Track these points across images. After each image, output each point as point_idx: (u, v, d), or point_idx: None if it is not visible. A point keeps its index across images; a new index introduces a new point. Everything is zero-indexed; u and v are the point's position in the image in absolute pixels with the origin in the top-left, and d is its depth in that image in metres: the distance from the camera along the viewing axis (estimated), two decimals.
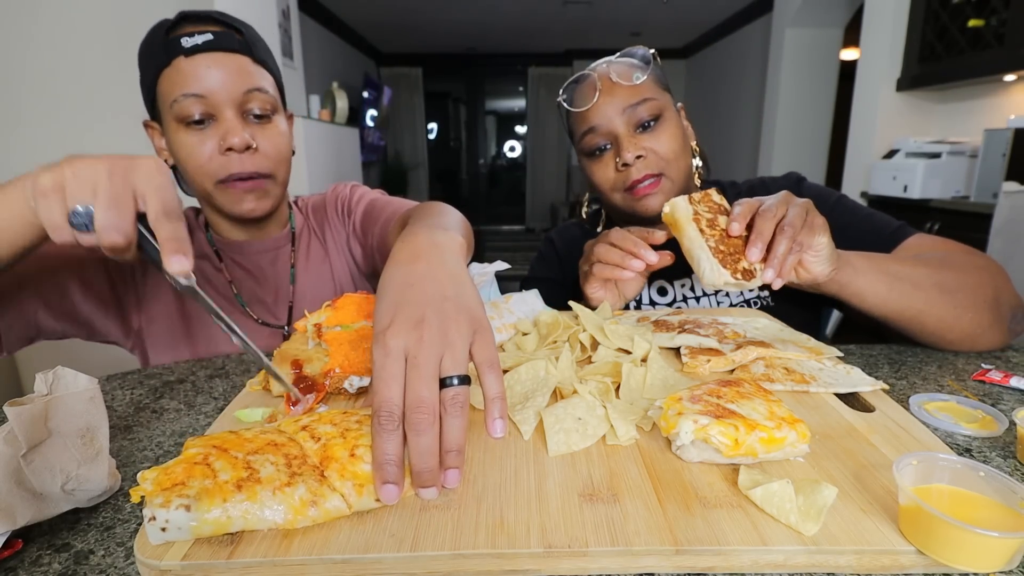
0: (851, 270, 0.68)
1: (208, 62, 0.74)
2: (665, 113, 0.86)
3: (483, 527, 0.35)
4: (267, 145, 0.80)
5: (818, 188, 0.91)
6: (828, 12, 4.17)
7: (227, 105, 0.76)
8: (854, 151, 3.31)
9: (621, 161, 0.85)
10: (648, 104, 0.84)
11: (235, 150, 0.76)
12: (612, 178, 0.88)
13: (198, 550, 0.34)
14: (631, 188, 0.86)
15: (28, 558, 0.37)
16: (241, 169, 0.78)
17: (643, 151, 0.84)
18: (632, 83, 0.85)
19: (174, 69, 0.74)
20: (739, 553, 0.33)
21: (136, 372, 0.72)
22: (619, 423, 0.45)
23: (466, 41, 7.16)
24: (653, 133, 0.85)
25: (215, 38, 0.75)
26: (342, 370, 0.55)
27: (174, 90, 0.75)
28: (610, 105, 0.85)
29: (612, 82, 0.85)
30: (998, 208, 2.10)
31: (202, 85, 0.74)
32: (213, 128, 0.76)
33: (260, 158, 0.79)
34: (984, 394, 0.59)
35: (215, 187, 0.79)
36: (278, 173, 0.83)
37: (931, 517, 0.32)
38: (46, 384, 0.39)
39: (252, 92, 0.77)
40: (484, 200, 9.05)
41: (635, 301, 0.96)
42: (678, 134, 0.87)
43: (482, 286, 0.77)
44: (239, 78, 0.76)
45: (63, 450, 0.39)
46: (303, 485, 0.36)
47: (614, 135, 0.86)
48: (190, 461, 0.37)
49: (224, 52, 0.75)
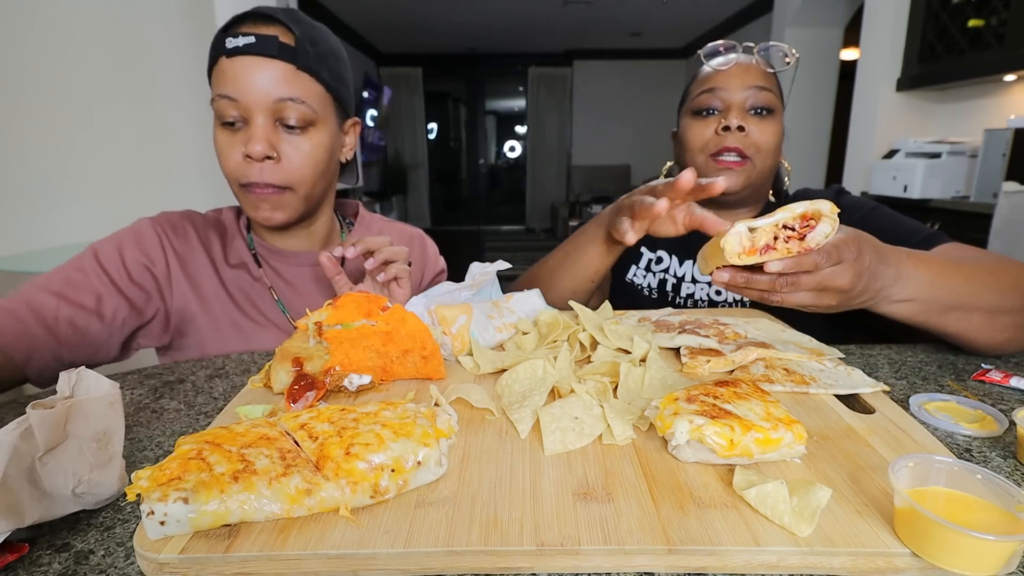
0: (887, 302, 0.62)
1: (244, 66, 0.73)
2: (776, 113, 0.92)
3: (477, 524, 0.36)
4: (293, 157, 0.77)
5: (855, 199, 0.94)
6: (828, 12, 4.17)
7: (258, 111, 0.74)
8: (854, 151, 3.31)
9: (725, 123, 0.90)
10: (768, 95, 0.90)
11: (254, 158, 0.75)
12: (707, 138, 0.92)
13: (196, 544, 0.34)
14: (717, 154, 0.91)
15: (28, 558, 0.37)
16: (259, 179, 0.76)
17: (747, 127, 0.90)
18: (768, 71, 0.91)
19: (219, 67, 0.75)
20: (732, 553, 0.33)
21: (136, 372, 0.72)
22: (616, 423, 0.46)
23: (466, 41, 7.16)
24: (761, 120, 0.90)
25: (256, 42, 0.73)
26: (342, 368, 0.55)
27: (215, 88, 0.76)
28: (739, 78, 0.90)
29: (750, 62, 0.91)
30: (998, 208, 2.10)
31: (236, 88, 0.74)
32: (243, 132, 0.76)
33: (280, 169, 0.77)
34: (984, 394, 0.59)
35: (239, 189, 0.79)
36: (300, 187, 0.79)
37: (927, 520, 0.32)
38: (69, 385, 0.39)
39: (285, 101, 0.75)
40: (484, 200, 9.05)
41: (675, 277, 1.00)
42: (778, 136, 0.92)
43: (483, 285, 0.77)
44: (272, 86, 0.74)
45: (78, 453, 0.39)
46: (298, 475, 0.37)
47: (729, 104, 0.90)
48: (184, 457, 0.37)
49: (262, 57, 0.74)
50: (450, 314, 0.65)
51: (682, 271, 0.99)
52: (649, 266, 1.02)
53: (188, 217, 0.87)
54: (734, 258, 0.51)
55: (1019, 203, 2.03)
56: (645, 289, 1.01)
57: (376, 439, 0.40)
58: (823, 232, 0.50)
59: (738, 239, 0.51)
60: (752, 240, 0.51)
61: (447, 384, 0.57)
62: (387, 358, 0.58)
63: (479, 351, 0.62)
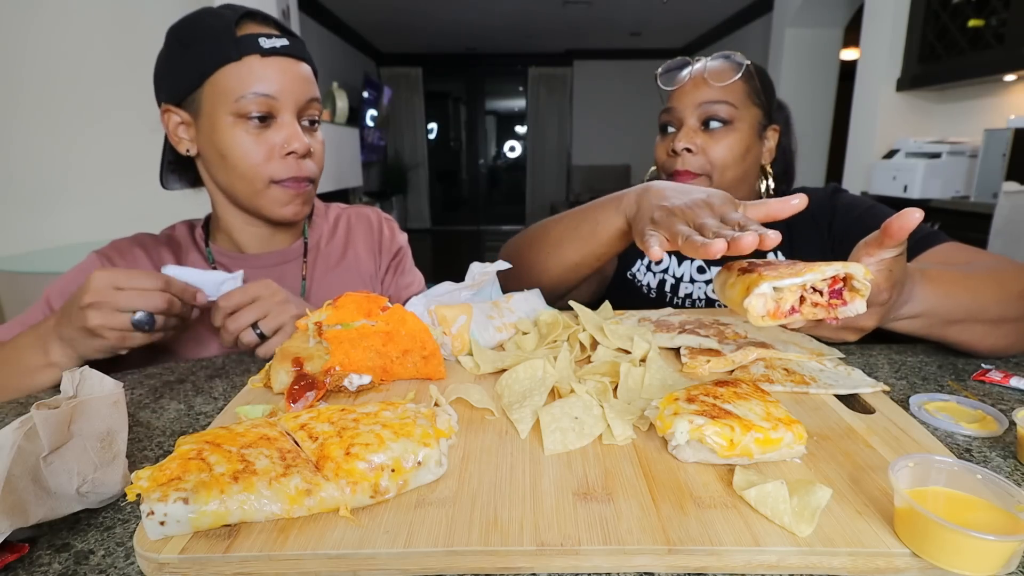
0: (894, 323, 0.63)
1: (284, 66, 0.77)
2: (736, 123, 0.89)
3: (477, 524, 0.36)
4: (316, 152, 0.83)
5: (852, 197, 0.93)
6: (828, 12, 4.17)
7: (289, 110, 0.78)
8: (854, 151, 3.31)
9: (672, 146, 0.90)
10: (723, 107, 0.88)
11: (297, 154, 0.79)
12: (663, 160, 0.95)
13: (196, 544, 0.34)
14: (672, 176, 0.92)
15: (28, 558, 0.37)
16: (299, 173, 0.80)
17: (694, 147, 0.89)
18: (719, 83, 0.89)
19: (245, 66, 0.75)
20: (732, 553, 0.33)
21: (136, 372, 0.72)
22: (616, 423, 0.46)
23: (466, 41, 7.16)
24: (713, 135, 0.89)
25: (291, 44, 0.78)
26: (342, 368, 0.55)
27: (242, 86, 0.75)
28: (690, 95, 0.90)
29: (702, 76, 0.90)
30: (998, 208, 2.10)
31: (274, 87, 0.76)
32: (273, 130, 0.78)
33: (311, 164, 0.82)
34: (984, 394, 0.59)
35: (265, 186, 0.79)
36: (318, 180, 0.86)
37: (927, 520, 0.32)
38: (72, 385, 0.39)
39: (312, 101, 0.81)
40: (484, 200, 9.05)
41: (674, 278, 0.99)
42: (738, 146, 0.90)
43: (483, 285, 0.77)
44: (306, 86, 0.79)
45: (82, 453, 0.39)
46: (298, 475, 0.37)
47: (682, 121, 0.91)
48: (184, 457, 0.37)
49: (295, 59, 0.78)
50: (450, 314, 0.65)
51: (680, 271, 0.99)
52: (649, 265, 1.02)
53: (137, 241, 0.87)
54: (758, 320, 0.47)
55: (1019, 203, 2.03)
56: (645, 288, 1.01)
57: (376, 439, 0.40)
58: (854, 311, 0.48)
59: (763, 302, 0.48)
60: (778, 303, 0.48)
61: (447, 384, 0.57)
62: (387, 358, 0.58)
63: (479, 351, 0.62)
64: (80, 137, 2.64)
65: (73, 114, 2.61)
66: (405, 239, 1.05)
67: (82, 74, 2.58)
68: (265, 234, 0.89)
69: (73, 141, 2.64)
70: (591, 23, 6.23)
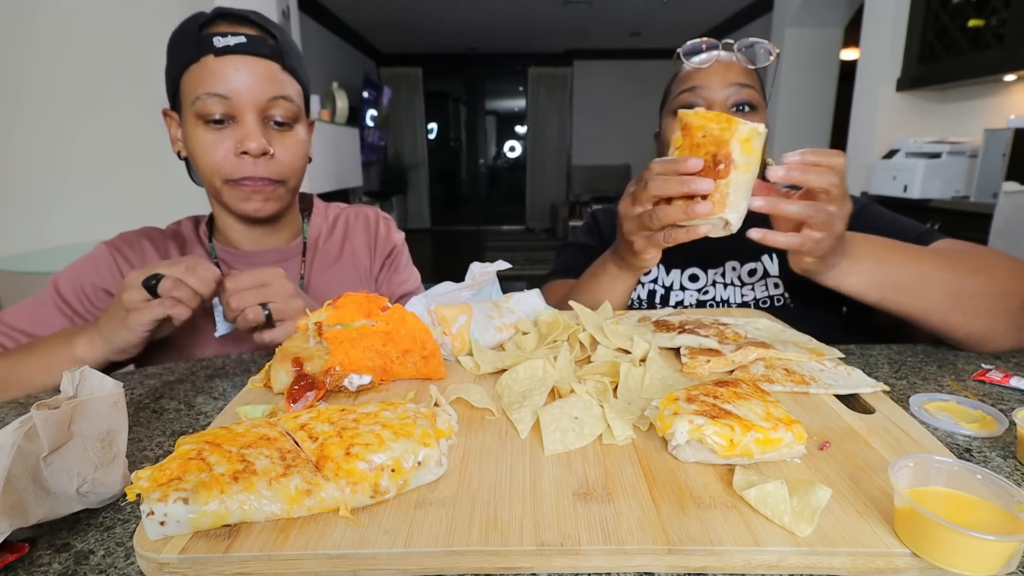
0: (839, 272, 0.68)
1: (237, 64, 0.75)
2: (759, 110, 0.90)
3: (477, 524, 0.36)
4: (283, 153, 0.80)
5: (879, 211, 0.93)
6: (828, 12, 4.17)
7: (249, 109, 0.76)
8: (854, 151, 3.31)
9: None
10: (751, 92, 0.88)
11: (251, 155, 0.77)
12: None
13: (196, 544, 0.34)
14: None
15: (28, 558, 0.37)
16: (254, 173, 0.78)
17: None
18: (748, 67, 0.89)
19: (201, 66, 0.75)
20: (732, 553, 0.33)
21: (136, 372, 0.72)
22: (616, 423, 0.46)
23: (466, 41, 7.16)
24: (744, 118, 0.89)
25: (248, 41, 0.75)
26: (342, 368, 0.55)
27: (198, 87, 0.75)
28: (721, 75, 0.88)
29: (731, 59, 0.89)
30: (998, 208, 2.10)
31: (227, 86, 0.74)
32: (232, 129, 0.77)
33: (274, 164, 0.80)
34: (984, 394, 0.59)
35: (223, 184, 0.79)
36: (290, 180, 0.83)
37: (927, 520, 0.32)
38: (72, 385, 0.39)
39: (277, 99, 0.78)
40: (484, 200, 9.05)
41: (663, 287, 0.99)
42: None
43: (483, 285, 0.77)
44: (266, 84, 0.77)
45: (82, 453, 0.39)
46: (298, 476, 0.37)
47: (711, 102, 0.89)
48: (184, 457, 0.37)
49: (254, 56, 0.76)
50: (450, 314, 0.65)
51: (669, 280, 0.99)
52: (683, 286, 1.00)
53: (145, 234, 0.88)
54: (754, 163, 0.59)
55: (1019, 203, 2.03)
56: (635, 301, 1.00)
57: (376, 439, 0.40)
58: None
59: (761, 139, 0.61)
60: None
61: (447, 384, 0.57)
62: (387, 358, 0.58)
63: (479, 351, 0.62)
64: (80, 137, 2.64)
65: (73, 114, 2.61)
66: (401, 237, 1.05)
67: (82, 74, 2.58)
68: (254, 232, 0.89)
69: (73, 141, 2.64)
70: (591, 23, 6.23)
